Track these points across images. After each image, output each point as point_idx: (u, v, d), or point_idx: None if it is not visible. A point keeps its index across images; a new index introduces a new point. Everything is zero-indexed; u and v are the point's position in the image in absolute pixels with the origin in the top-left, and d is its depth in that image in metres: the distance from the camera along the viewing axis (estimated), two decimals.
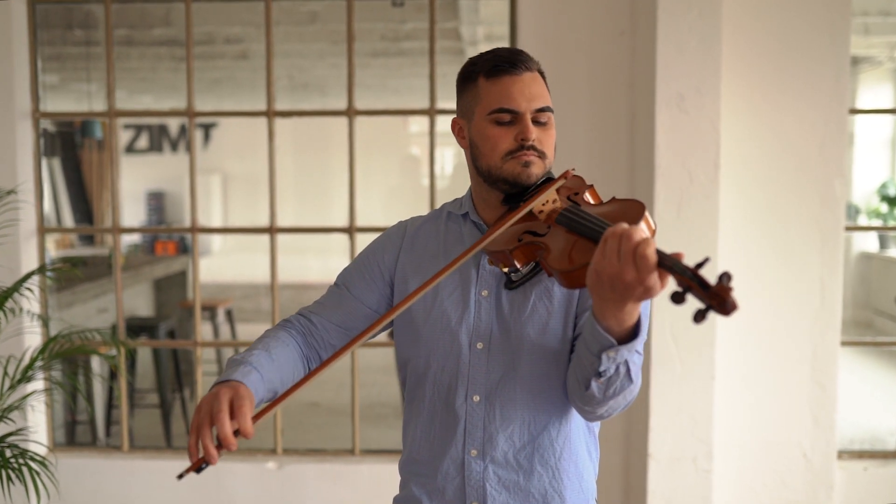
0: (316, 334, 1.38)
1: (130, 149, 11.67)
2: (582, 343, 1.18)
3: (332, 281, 1.46)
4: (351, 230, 3.26)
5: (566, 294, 1.30)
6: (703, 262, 0.99)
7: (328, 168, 11.00)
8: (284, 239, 3.49)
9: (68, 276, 3.77)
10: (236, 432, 1.09)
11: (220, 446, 1.08)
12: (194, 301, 3.34)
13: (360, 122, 3.29)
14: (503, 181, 1.30)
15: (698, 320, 0.96)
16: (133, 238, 10.50)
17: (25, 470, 2.42)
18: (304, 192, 11.09)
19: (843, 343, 3.01)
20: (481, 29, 5.38)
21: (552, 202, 1.26)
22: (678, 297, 0.99)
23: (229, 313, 5.49)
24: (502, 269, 1.26)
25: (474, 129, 1.33)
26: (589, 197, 1.27)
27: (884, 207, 7.50)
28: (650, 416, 2.81)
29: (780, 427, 2.99)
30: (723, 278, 0.96)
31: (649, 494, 2.83)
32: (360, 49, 5.91)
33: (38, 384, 3.06)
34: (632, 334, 1.12)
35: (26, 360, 2.79)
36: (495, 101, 1.29)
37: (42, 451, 3.11)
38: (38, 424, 3.23)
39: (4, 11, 3.12)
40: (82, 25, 5.47)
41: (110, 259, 5.34)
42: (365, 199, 4.13)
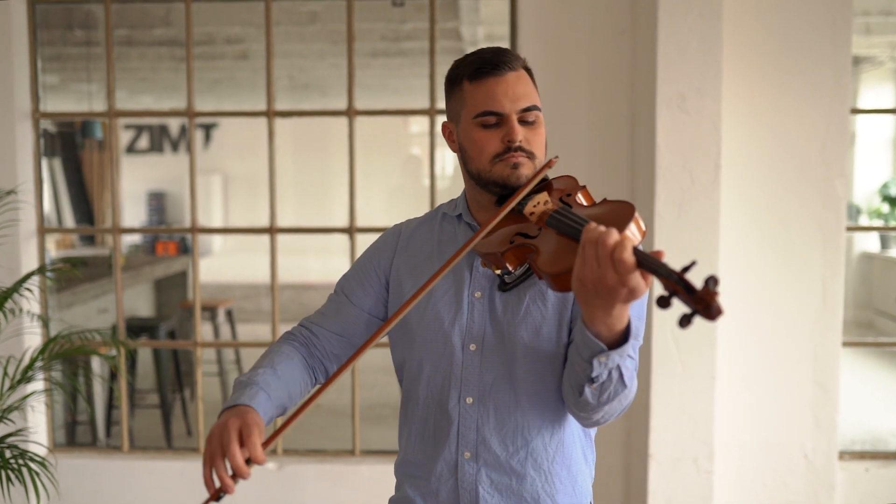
0: (318, 345, 1.40)
1: (131, 149, 11.67)
2: (574, 349, 1.18)
3: (333, 281, 1.47)
4: (351, 230, 3.25)
5: (560, 297, 1.29)
6: (689, 266, 0.98)
7: (328, 168, 11.00)
8: (285, 239, 3.49)
9: (68, 276, 3.77)
10: (248, 460, 1.11)
11: (235, 475, 1.11)
12: (194, 301, 3.34)
13: (361, 122, 3.29)
14: (493, 184, 1.29)
15: (683, 325, 0.95)
16: (134, 238, 10.51)
17: (25, 470, 2.42)
18: (305, 192, 11.09)
19: (844, 344, 3.01)
20: (482, 29, 5.38)
21: (544, 203, 1.24)
22: (664, 302, 0.98)
23: (230, 313, 5.48)
24: (495, 271, 1.25)
25: (462, 133, 1.33)
26: (581, 198, 1.26)
27: (885, 207, 7.49)
28: (651, 417, 2.80)
29: (782, 428, 2.98)
30: (709, 282, 0.94)
31: (650, 495, 2.83)
32: (361, 49, 5.91)
33: (38, 385, 3.06)
34: (622, 339, 1.11)
35: (26, 360, 2.79)
36: (480, 104, 1.28)
37: (42, 451, 3.10)
38: (38, 425, 3.23)
39: (4, 11, 3.12)
40: (82, 25, 5.46)
41: (111, 259, 5.34)
42: (366, 200, 4.12)
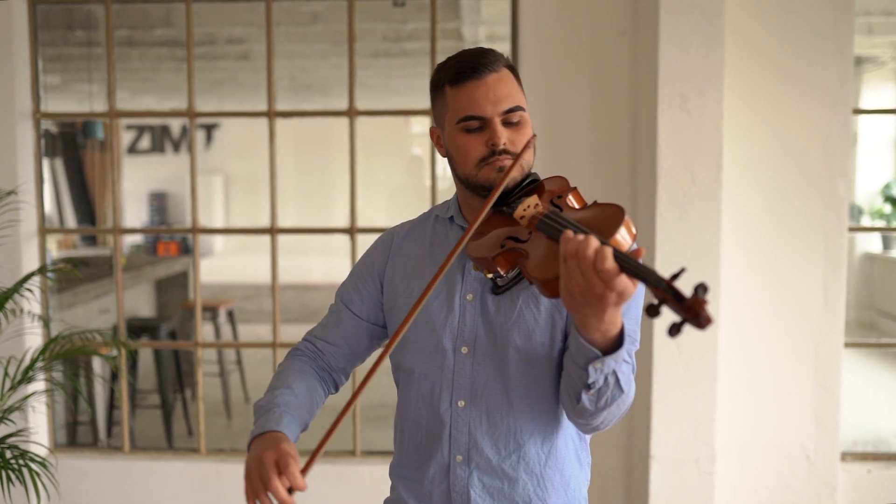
0: (324, 359, 1.42)
1: (133, 149, 11.67)
2: (569, 357, 1.18)
3: (334, 281, 1.48)
4: (352, 231, 3.25)
5: (553, 300, 1.28)
6: (678, 273, 0.97)
7: (330, 169, 10.99)
8: (286, 239, 3.48)
9: (69, 276, 3.77)
10: (290, 489, 1.13)
11: None
12: (195, 302, 3.34)
13: (362, 122, 3.28)
14: (481, 188, 1.28)
15: (673, 334, 0.94)
16: (135, 238, 10.51)
17: (25, 471, 2.42)
18: (306, 192, 11.08)
19: (846, 344, 3.00)
20: (483, 29, 5.37)
21: (534, 207, 1.22)
22: (653, 311, 0.97)
23: (231, 314, 5.48)
24: (486, 275, 1.24)
25: (448, 138, 1.32)
26: (573, 200, 1.24)
27: (887, 208, 7.47)
28: (652, 418, 2.80)
29: (783, 429, 2.97)
30: (698, 290, 0.93)
31: (651, 497, 2.82)
32: (362, 49, 5.90)
33: (38, 385, 3.06)
34: (616, 344, 1.11)
35: (27, 360, 2.79)
36: (462, 108, 1.27)
37: (43, 452, 3.10)
38: (38, 425, 3.23)
39: (5, 12, 3.12)
40: (83, 26, 5.46)
41: (112, 260, 5.34)
42: (367, 200, 4.12)
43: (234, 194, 12.01)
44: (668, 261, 2.74)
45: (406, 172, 11.33)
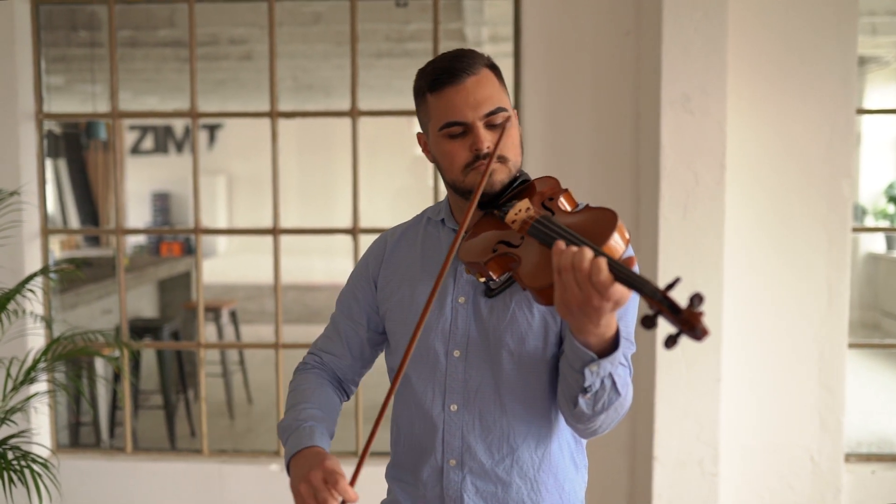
0: (331, 371, 1.44)
1: (136, 150, 11.68)
2: (564, 361, 1.17)
3: (337, 282, 1.49)
4: (354, 231, 3.25)
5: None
6: (673, 283, 0.95)
7: (332, 169, 10.98)
8: (289, 240, 3.48)
9: (71, 277, 3.77)
10: (342, 502, 1.15)
11: None
12: (198, 302, 3.34)
13: (364, 122, 3.28)
14: (469, 192, 1.27)
15: (669, 346, 0.93)
16: (139, 239, 10.52)
17: (27, 472, 2.41)
18: (309, 193, 11.08)
19: (850, 345, 2.99)
20: (486, 30, 5.37)
21: (525, 211, 1.20)
22: (648, 322, 0.96)
23: (233, 314, 5.48)
24: (479, 279, 1.23)
25: (433, 145, 1.31)
26: (564, 202, 1.23)
27: (891, 208, 7.45)
28: (656, 420, 2.79)
29: (787, 430, 2.97)
30: (693, 300, 0.92)
31: (655, 498, 2.82)
32: (364, 50, 5.90)
33: (41, 386, 3.06)
34: (612, 346, 1.10)
35: (29, 361, 2.79)
36: (443, 115, 1.25)
37: (45, 453, 3.10)
38: (41, 426, 3.23)
39: (7, 12, 3.12)
40: (87, 27, 5.46)
41: (115, 260, 5.34)
42: (370, 201, 4.12)
43: (236, 195, 12.02)
44: (671, 261, 2.73)
45: (408, 173, 11.33)
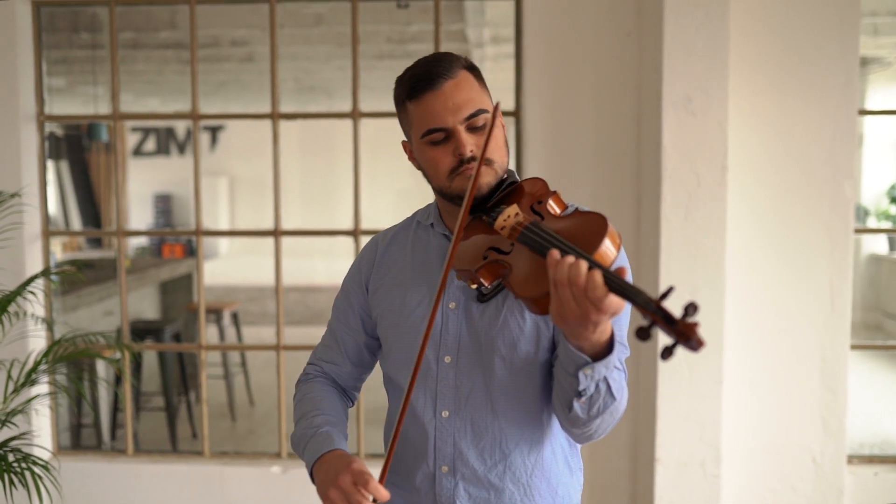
0: (332, 379, 1.45)
1: (138, 151, 11.69)
2: (559, 365, 1.17)
3: (338, 283, 1.50)
4: (356, 233, 3.25)
5: None
6: (667, 292, 0.95)
7: (334, 170, 10.98)
8: (291, 242, 3.48)
9: (73, 279, 3.77)
10: (374, 501, 1.15)
11: None
12: (199, 304, 3.33)
13: (366, 124, 3.28)
14: (457, 197, 1.26)
15: (665, 357, 0.92)
16: (141, 241, 10.53)
17: (28, 474, 2.41)
18: (311, 194, 11.09)
19: (852, 346, 2.98)
20: (487, 31, 5.36)
21: (514, 216, 1.17)
22: (643, 334, 0.95)
23: (235, 316, 5.48)
24: (470, 285, 1.22)
25: (417, 152, 1.30)
26: (553, 205, 1.21)
27: (893, 209, 7.44)
28: (658, 421, 2.78)
29: (789, 431, 2.96)
30: (688, 310, 0.91)
31: (657, 499, 2.81)
32: (366, 51, 5.90)
33: (42, 388, 3.06)
34: (606, 349, 1.10)
35: (30, 363, 2.79)
36: (423, 122, 1.25)
37: (46, 455, 3.10)
38: (42, 428, 3.23)
39: (9, 14, 3.12)
40: (88, 28, 5.47)
41: (116, 262, 5.34)
42: (372, 202, 4.12)
43: (238, 196, 12.02)
44: (672, 262, 2.72)
45: (410, 174, 11.26)
